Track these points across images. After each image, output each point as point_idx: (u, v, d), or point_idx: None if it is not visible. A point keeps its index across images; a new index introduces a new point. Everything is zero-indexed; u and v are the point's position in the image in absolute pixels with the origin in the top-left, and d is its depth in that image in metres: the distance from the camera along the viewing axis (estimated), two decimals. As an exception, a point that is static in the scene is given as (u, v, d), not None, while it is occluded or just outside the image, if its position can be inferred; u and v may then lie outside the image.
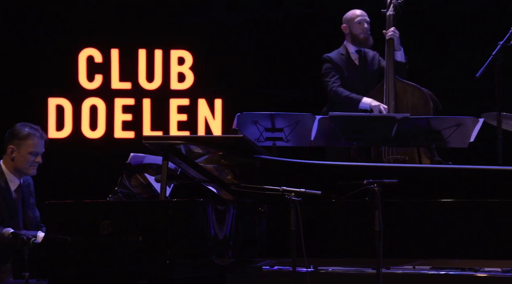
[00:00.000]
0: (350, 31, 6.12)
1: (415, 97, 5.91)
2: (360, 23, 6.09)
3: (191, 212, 4.05)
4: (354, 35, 6.11)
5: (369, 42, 6.14)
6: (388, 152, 5.85)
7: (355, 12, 6.15)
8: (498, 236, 4.11)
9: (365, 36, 6.10)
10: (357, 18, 6.11)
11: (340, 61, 6.11)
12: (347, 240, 4.27)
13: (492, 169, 4.41)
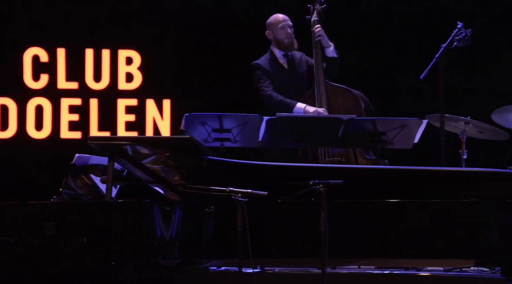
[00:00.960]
0: (275, 36, 6.16)
1: (346, 99, 5.98)
2: (283, 28, 6.13)
3: (137, 213, 4.03)
4: (279, 41, 6.15)
5: (294, 46, 6.18)
6: (324, 155, 5.91)
7: (277, 18, 6.16)
8: (440, 236, 4.18)
9: (289, 41, 6.15)
10: (280, 24, 6.14)
11: (269, 67, 6.14)
12: (294, 241, 4.29)
13: (435, 170, 4.49)
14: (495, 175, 4.31)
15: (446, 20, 6.01)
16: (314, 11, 6.14)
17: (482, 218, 4.17)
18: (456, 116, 6.00)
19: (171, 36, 7.52)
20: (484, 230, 4.16)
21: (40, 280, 3.95)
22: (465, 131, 6.05)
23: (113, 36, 7.50)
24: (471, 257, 4.26)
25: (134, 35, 7.51)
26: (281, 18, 6.18)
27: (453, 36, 5.73)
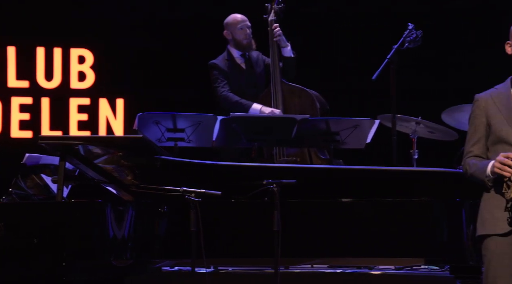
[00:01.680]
0: (233, 37, 6.17)
1: (302, 99, 6.02)
2: (243, 29, 6.14)
3: (89, 213, 3.99)
4: (238, 41, 6.16)
5: (252, 47, 6.20)
6: (279, 154, 5.94)
7: (236, 18, 6.17)
8: (391, 235, 4.22)
9: (248, 41, 6.17)
10: (239, 24, 6.14)
11: (226, 67, 6.15)
12: (247, 240, 4.30)
13: (387, 170, 4.54)
14: (445, 174, 4.38)
15: (397, 22, 6.09)
16: (272, 11, 6.15)
17: (432, 217, 4.23)
18: (408, 116, 6.08)
19: (124, 35, 7.46)
20: (434, 229, 4.22)
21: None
22: (416, 131, 6.13)
23: (65, 34, 7.41)
24: (422, 255, 4.32)
25: (87, 34, 7.44)
26: (240, 18, 6.18)
27: (404, 37, 5.80)
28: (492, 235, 3.56)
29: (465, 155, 3.68)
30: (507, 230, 3.52)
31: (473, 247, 4.09)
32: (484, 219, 3.60)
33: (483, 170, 3.55)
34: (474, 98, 3.68)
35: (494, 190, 3.57)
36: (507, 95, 3.59)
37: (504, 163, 3.44)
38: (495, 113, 3.59)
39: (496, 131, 3.58)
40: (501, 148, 3.55)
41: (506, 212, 3.51)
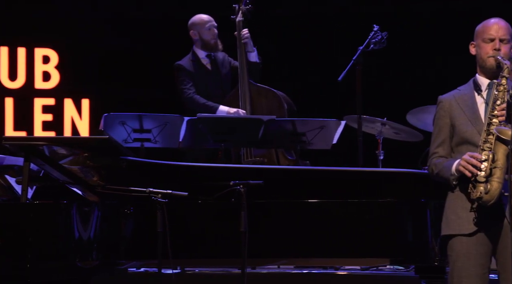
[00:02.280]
0: (200, 37, 6.16)
1: (269, 100, 6.04)
2: (210, 29, 6.13)
3: (54, 214, 3.96)
4: (205, 41, 6.15)
5: (219, 47, 6.20)
6: (247, 155, 5.95)
7: (202, 18, 6.15)
8: (357, 235, 4.25)
9: (215, 41, 6.17)
10: (206, 24, 6.14)
11: (192, 68, 6.14)
12: (214, 241, 4.30)
13: (353, 170, 4.57)
14: (410, 175, 4.41)
15: (363, 23, 6.13)
16: (239, 12, 6.15)
17: (397, 217, 4.26)
18: (373, 117, 6.12)
19: (89, 35, 7.41)
20: (399, 229, 4.26)
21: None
22: (381, 132, 6.18)
23: (28, 34, 7.34)
24: (387, 256, 4.35)
25: (51, 34, 7.37)
26: (207, 18, 6.17)
27: (369, 38, 5.84)
28: (457, 235, 3.60)
29: (430, 156, 3.72)
30: (472, 230, 3.57)
31: (437, 247, 4.13)
32: (449, 219, 3.64)
33: (448, 168, 3.59)
34: (438, 99, 3.72)
35: (459, 190, 3.61)
36: (471, 96, 3.64)
37: (470, 162, 3.49)
38: (459, 114, 3.63)
39: (460, 132, 3.63)
40: (465, 149, 3.60)
41: (471, 212, 3.56)
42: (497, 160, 3.45)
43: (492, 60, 3.58)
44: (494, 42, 3.59)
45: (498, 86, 3.55)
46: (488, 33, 3.60)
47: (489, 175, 3.46)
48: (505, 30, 3.60)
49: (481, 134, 3.54)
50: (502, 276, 3.57)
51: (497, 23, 3.62)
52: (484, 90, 3.63)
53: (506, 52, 3.60)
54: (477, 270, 3.54)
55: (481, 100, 3.62)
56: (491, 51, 3.59)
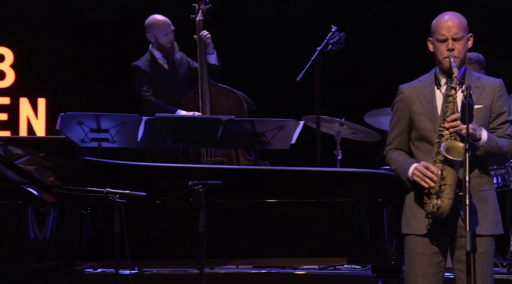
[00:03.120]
0: (157, 40, 6.13)
1: (229, 100, 6.04)
2: (167, 34, 6.11)
3: (9, 215, 3.91)
4: (161, 45, 6.13)
5: (175, 51, 6.18)
6: (206, 155, 5.94)
7: (158, 22, 6.10)
8: (315, 235, 4.27)
9: (171, 45, 6.15)
10: (162, 30, 6.09)
11: (149, 68, 6.11)
12: (173, 241, 4.28)
13: (311, 170, 4.59)
14: (367, 175, 4.45)
15: (321, 24, 6.16)
16: (199, 11, 6.14)
17: (355, 217, 4.30)
18: (331, 117, 6.16)
19: (45, 33, 7.33)
20: (357, 229, 4.29)
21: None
22: (339, 132, 6.22)
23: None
24: (345, 255, 4.38)
25: (6, 32, 7.26)
26: (163, 23, 6.12)
27: (327, 39, 5.88)
28: (414, 234, 3.64)
29: (387, 145, 3.72)
30: (426, 231, 3.60)
31: (394, 247, 4.17)
32: (407, 218, 3.68)
33: (405, 171, 3.61)
34: (399, 89, 3.72)
35: (416, 191, 3.64)
36: (430, 91, 3.64)
37: (424, 173, 3.50)
38: (418, 109, 3.64)
39: (419, 129, 3.65)
40: (423, 146, 3.62)
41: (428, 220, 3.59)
42: (445, 177, 3.45)
43: (447, 61, 3.59)
44: (447, 42, 3.57)
45: (447, 97, 3.54)
46: (440, 33, 3.57)
47: (439, 191, 3.46)
48: (457, 27, 3.56)
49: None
50: (458, 276, 3.61)
51: (450, 20, 3.57)
52: (443, 85, 3.64)
53: (460, 50, 3.58)
54: (432, 268, 3.58)
55: (440, 95, 3.63)
56: (445, 51, 3.58)
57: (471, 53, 5.84)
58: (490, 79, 3.67)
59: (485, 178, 3.61)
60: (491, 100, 3.60)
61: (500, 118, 3.60)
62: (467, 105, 3.42)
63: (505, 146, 3.56)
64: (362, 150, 6.50)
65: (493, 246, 3.61)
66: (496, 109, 3.60)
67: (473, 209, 3.46)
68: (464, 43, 3.59)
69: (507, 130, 3.59)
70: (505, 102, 3.62)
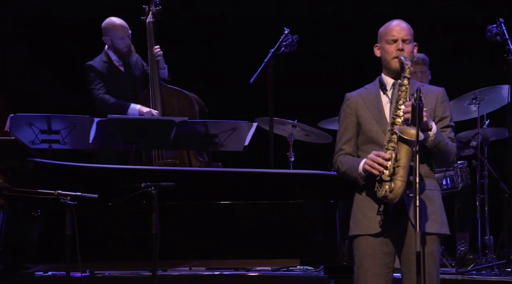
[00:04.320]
0: (113, 44, 6.09)
1: (181, 101, 6.03)
2: (124, 39, 6.08)
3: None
4: (118, 49, 6.10)
5: (132, 54, 6.15)
6: (158, 157, 5.91)
7: (115, 26, 6.05)
8: (268, 237, 4.28)
9: (128, 49, 6.11)
10: (119, 35, 6.04)
11: (104, 69, 6.07)
12: (125, 243, 4.25)
13: (264, 172, 4.60)
14: (320, 176, 4.48)
15: (275, 26, 6.19)
16: (150, 12, 6.11)
17: (307, 218, 4.32)
18: (284, 119, 6.20)
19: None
20: (309, 230, 4.32)
21: None
22: (292, 134, 6.26)
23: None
24: (297, 256, 4.40)
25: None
26: (119, 27, 6.07)
27: (280, 41, 5.91)
28: (363, 235, 3.68)
29: (336, 153, 3.78)
30: (377, 230, 3.65)
31: (346, 247, 4.21)
32: (357, 219, 3.72)
33: (355, 167, 3.66)
34: (345, 97, 3.80)
35: (366, 191, 3.69)
36: (376, 95, 3.73)
37: (375, 161, 3.57)
38: (365, 113, 3.71)
39: (366, 132, 3.71)
40: (371, 148, 3.68)
41: (378, 213, 3.64)
42: (399, 159, 3.54)
43: (396, 61, 3.68)
44: (397, 43, 3.69)
45: (400, 86, 3.64)
46: (391, 34, 3.70)
47: (393, 174, 3.54)
48: (406, 30, 3.70)
49: (385, 134, 3.63)
50: (406, 276, 3.66)
51: (399, 25, 3.72)
52: (389, 90, 3.73)
53: (409, 52, 3.70)
54: (382, 269, 3.63)
55: (386, 99, 3.72)
56: (395, 51, 3.69)
57: (419, 54, 5.95)
58: (433, 87, 3.81)
59: (431, 178, 3.70)
60: (434, 104, 3.72)
61: (443, 121, 3.72)
62: (417, 107, 3.49)
63: (450, 146, 3.66)
64: (315, 151, 6.55)
65: (439, 246, 3.67)
66: (439, 113, 3.72)
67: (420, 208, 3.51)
68: (412, 47, 3.72)
69: (450, 134, 3.72)
70: (447, 108, 3.75)
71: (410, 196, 3.52)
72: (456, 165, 5.84)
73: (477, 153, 6.01)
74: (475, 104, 5.98)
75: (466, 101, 6.02)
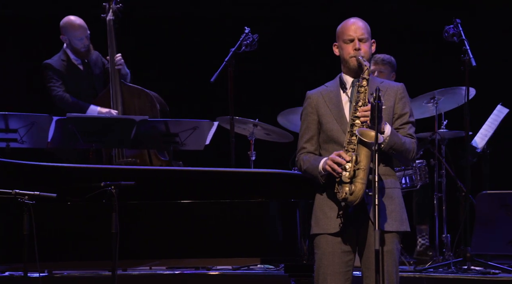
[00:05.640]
0: (71, 43, 6.04)
1: (142, 100, 6.00)
2: (82, 39, 6.03)
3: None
4: (76, 49, 6.05)
5: (90, 53, 6.10)
6: (119, 156, 5.88)
7: (74, 26, 6.00)
8: (229, 235, 4.28)
9: (86, 49, 6.07)
10: (77, 35, 5.98)
11: (62, 67, 6.01)
12: (84, 243, 4.22)
13: (225, 171, 4.60)
14: (280, 175, 4.50)
15: (236, 25, 6.19)
16: (110, 10, 6.07)
17: (268, 217, 4.33)
18: (245, 118, 6.20)
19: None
20: (270, 229, 4.33)
21: None
22: (253, 133, 6.27)
23: None
24: (258, 255, 4.41)
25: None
26: (78, 26, 6.00)
27: (241, 40, 5.91)
28: (323, 234, 3.70)
29: (298, 151, 3.80)
30: (337, 229, 3.67)
31: (306, 246, 4.23)
32: (317, 218, 3.74)
33: (316, 166, 3.68)
34: (306, 95, 3.81)
35: (327, 190, 3.71)
36: (336, 94, 3.74)
37: (336, 161, 3.59)
38: (325, 111, 3.73)
39: (326, 131, 3.73)
40: (332, 147, 3.70)
41: (338, 212, 3.66)
42: (360, 161, 3.56)
43: (354, 60, 3.71)
44: (354, 42, 3.70)
45: (359, 88, 3.66)
46: (347, 33, 3.71)
47: (353, 176, 3.56)
48: (363, 29, 3.71)
49: (346, 133, 3.65)
50: (365, 274, 3.70)
51: (355, 23, 3.72)
52: (348, 88, 3.75)
53: (366, 51, 3.72)
54: (341, 267, 3.65)
55: (346, 98, 3.74)
56: (352, 51, 3.71)
57: (384, 55, 6.01)
58: (392, 83, 3.82)
59: (391, 177, 3.72)
60: (393, 102, 3.73)
61: (402, 118, 3.73)
62: (376, 106, 3.51)
63: (408, 144, 3.69)
64: (276, 151, 6.57)
65: (398, 244, 3.71)
66: (398, 110, 3.73)
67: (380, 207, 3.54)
68: (369, 45, 3.73)
69: (409, 130, 3.73)
70: (407, 104, 3.76)
71: (369, 195, 3.54)
72: (415, 164, 5.91)
73: (435, 152, 6.09)
74: (433, 103, 6.07)
75: (425, 100, 6.10)
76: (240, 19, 6.55)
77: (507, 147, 6.83)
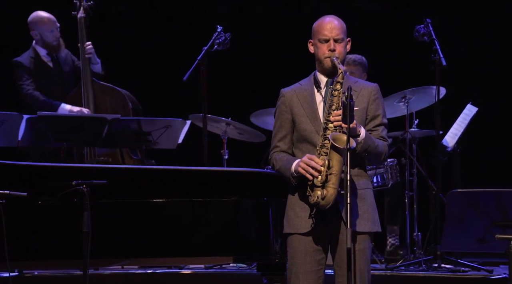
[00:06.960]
0: (42, 38, 6.00)
1: (113, 99, 5.98)
2: (53, 31, 5.99)
3: None
4: (47, 43, 6.01)
5: (62, 48, 6.07)
6: (90, 155, 5.85)
7: (43, 19, 5.98)
8: (201, 234, 4.28)
9: (57, 43, 6.03)
10: (48, 27, 5.97)
11: (32, 65, 5.97)
12: (56, 242, 4.20)
13: (198, 170, 4.60)
14: (253, 174, 4.50)
15: (208, 23, 6.19)
16: (81, 8, 6.03)
17: (240, 216, 4.34)
18: (218, 117, 6.20)
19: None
20: (242, 227, 4.34)
21: None
22: (226, 132, 6.27)
23: None
24: (230, 254, 4.41)
25: None
26: (47, 19, 5.97)
27: (213, 39, 5.91)
28: (296, 233, 3.71)
29: (271, 150, 3.80)
30: (310, 228, 3.69)
31: (278, 245, 4.24)
32: (290, 218, 3.75)
33: (288, 167, 3.68)
34: (280, 92, 3.80)
35: (299, 190, 3.72)
36: (310, 93, 3.74)
37: (309, 165, 3.59)
38: (299, 111, 3.73)
39: (300, 130, 3.73)
40: (305, 147, 3.71)
41: (310, 211, 3.67)
42: (332, 166, 3.55)
43: (328, 61, 3.70)
44: (329, 43, 3.68)
45: (333, 91, 3.64)
46: (323, 33, 3.68)
47: (325, 181, 3.56)
48: (338, 29, 3.68)
49: (319, 134, 3.66)
50: (338, 272, 3.72)
51: (331, 22, 3.69)
52: (323, 88, 3.75)
53: (341, 51, 3.70)
54: (313, 266, 3.67)
55: (320, 97, 3.73)
56: (327, 51, 3.70)
57: (356, 55, 6.03)
58: (366, 83, 3.81)
59: (363, 177, 3.74)
60: (367, 103, 3.73)
61: (375, 120, 3.74)
62: (348, 105, 3.52)
63: (380, 147, 3.70)
64: (248, 150, 6.58)
65: (370, 243, 3.73)
66: (371, 112, 3.74)
67: (352, 207, 3.56)
68: (344, 45, 3.72)
69: (382, 132, 3.74)
70: (380, 105, 3.76)
71: (341, 193, 3.55)
72: (386, 163, 5.95)
73: (406, 151, 6.14)
74: (404, 102, 6.11)
75: (396, 99, 6.14)
76: (212, 17, 6.56)
77: (477, 145, 6.90)
